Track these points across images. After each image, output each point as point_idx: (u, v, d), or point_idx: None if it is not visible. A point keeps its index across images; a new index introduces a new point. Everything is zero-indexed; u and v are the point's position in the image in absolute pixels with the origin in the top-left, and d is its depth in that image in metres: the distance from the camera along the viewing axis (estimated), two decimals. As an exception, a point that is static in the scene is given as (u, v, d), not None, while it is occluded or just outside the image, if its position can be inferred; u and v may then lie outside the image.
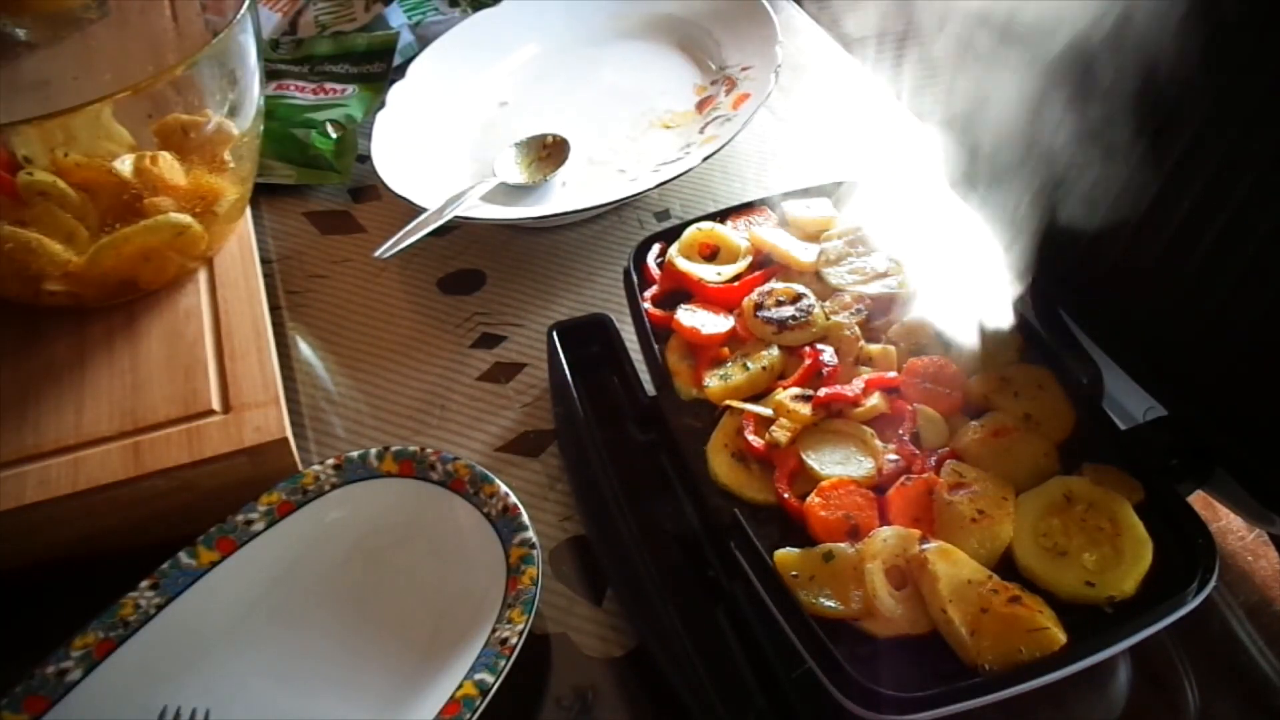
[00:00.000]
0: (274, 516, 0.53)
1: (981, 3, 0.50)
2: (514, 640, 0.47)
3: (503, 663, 0.46)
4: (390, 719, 0.47)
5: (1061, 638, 0.40)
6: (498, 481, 0.54)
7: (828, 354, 0.52)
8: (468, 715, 0.44)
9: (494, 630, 0.48)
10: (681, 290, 0.58)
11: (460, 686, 0.45)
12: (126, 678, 0.47)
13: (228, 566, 0.51)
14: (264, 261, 0.71)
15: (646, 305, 0.58)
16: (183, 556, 0.50)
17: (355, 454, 0.55)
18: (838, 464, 0.48)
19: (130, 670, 0.48)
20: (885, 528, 0.45)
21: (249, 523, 0.52)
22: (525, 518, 0.52)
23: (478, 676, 0.45)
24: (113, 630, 0.48)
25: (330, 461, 0.55)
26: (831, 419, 0.50)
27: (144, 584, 0.49)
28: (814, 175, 0.83)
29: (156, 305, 0.64)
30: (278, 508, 0.53)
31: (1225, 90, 0.40)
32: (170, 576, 0.50)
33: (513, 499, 0.53)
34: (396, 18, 0.95)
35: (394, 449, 0.56)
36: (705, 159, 0.72)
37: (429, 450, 0.55)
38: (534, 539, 0.51)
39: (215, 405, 0.57)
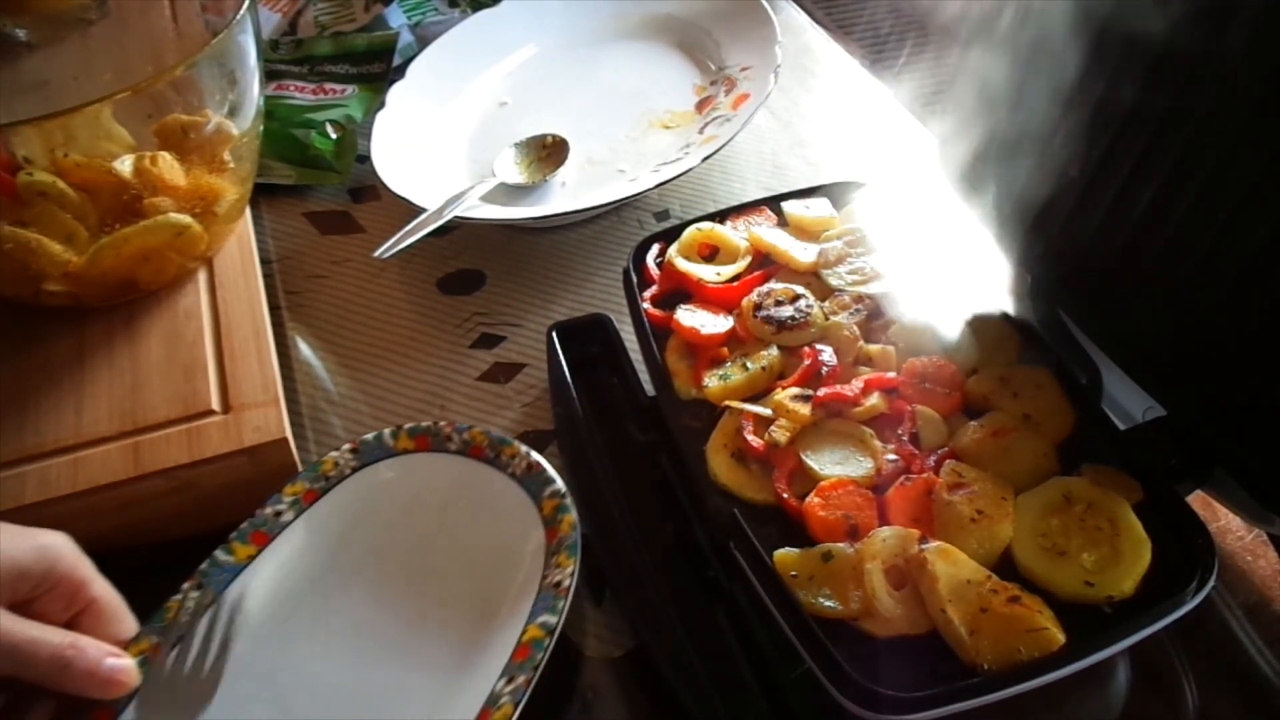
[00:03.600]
0: (301, 505, 0.54)
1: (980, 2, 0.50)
2: (566, 582, 0.48)
3: (561, 603, 0.47)
4: (460, 678, 0.48)
5: (1060, 638, 0.40)
6: (516, 443, 0.54)
7: (827, 354, 0.52)
8: (539, 655, 0.45)
9: (545, 577, 0.49)
10: (681, 290, 0.58)
11: (525, 631, 0.47)
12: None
13: (267, 558, 0.52)
14: (264, 261, 0.71)
15: (646, 305, 0.58)
16: (220, 554, 0.51)
17: (370, 436, 0.56)
18: (837, 464, 0.48)
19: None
20: (884, 528, 0.45)
21: (278, 514, 0.53)
22: (551, 471, 0.53)
23: (540, 619, 0.47)
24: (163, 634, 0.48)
25: (346, 447, 0.56)
26: (831, 419, 0.50)
27: (186, 585, 0.49)
28: (814, 175, 0.83)
29: (156, 305, 0.64)
30: (303, 496, 0.54)
31: (1226, 87, 0.40)
32: (210, 574, 0.50)
33: (535, 456, 0.54)
34: (396, 18, 0.95)
35: (407, 426, 0.56)
36: (705, 159, 0.72)
37: (442, 423, 0.56)
38: (563, 489, 0.52)
39: (215, 405, 0.57)
